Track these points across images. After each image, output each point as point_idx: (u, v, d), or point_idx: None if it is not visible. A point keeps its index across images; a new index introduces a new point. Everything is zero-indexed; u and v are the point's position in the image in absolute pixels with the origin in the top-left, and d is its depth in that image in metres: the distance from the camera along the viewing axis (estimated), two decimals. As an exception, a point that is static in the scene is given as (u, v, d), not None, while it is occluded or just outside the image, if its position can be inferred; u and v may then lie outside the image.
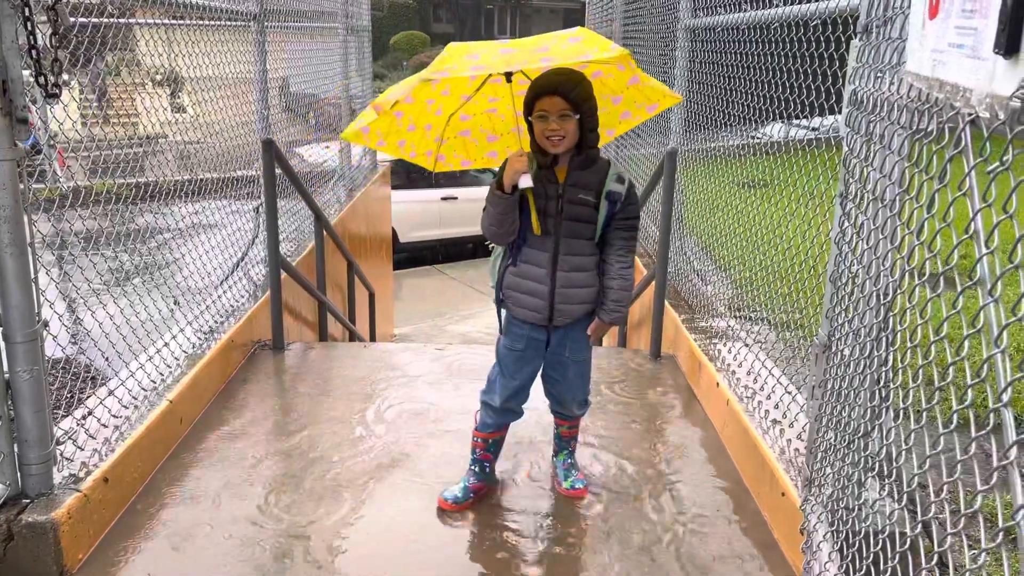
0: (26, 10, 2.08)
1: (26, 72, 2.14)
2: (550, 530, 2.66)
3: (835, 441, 2.05)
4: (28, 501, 2.32)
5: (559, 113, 2.41)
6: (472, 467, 2.85)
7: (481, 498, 2.82)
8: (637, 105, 2.80)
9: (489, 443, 2.83)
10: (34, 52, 2.14)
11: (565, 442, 2.94)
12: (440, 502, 2.77)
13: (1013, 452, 1.08)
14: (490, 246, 2.71)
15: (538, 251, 2.55)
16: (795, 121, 3.01)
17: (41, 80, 2.18)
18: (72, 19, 2.55)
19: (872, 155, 1.86)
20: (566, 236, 2.52)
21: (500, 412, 2.76)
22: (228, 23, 4.28)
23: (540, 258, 2.55)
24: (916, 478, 1.45)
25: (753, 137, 3.76)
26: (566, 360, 2.71)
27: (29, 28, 2.11)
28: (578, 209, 2.51)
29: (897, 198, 1.67)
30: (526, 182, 2.43)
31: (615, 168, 2.56)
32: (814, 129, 2.91)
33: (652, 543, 2.59)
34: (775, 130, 3.43)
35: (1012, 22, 1.03)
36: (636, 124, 2.95)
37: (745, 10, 3.48)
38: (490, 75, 2.65)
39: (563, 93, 2.41)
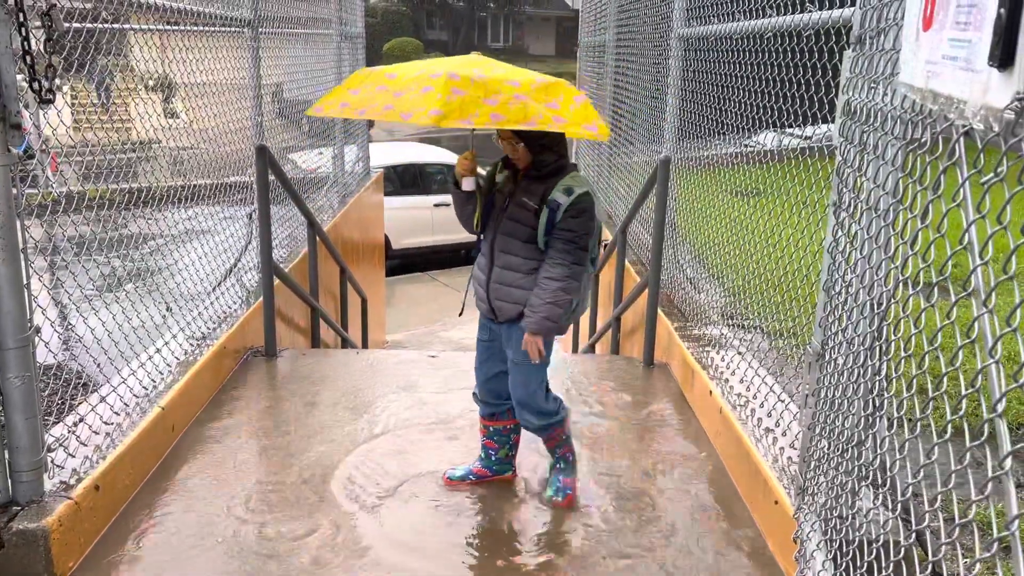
0: (20, 15, 2.08)
1: (20, 77, 2.14)
2: (547, 538, 2.65)
3: (828, 450, 2.06)
4: (19, 508, 2.30)
5: (508, 140, 2.63)
6: (480, 452, 3.02)
7: (485, 483, 2.97)
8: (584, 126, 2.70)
9: (490, 430, 2.96)
10: (28, 57, 2.14)
11: (551, 451, 2.96)
12: (444, 477, 2.99)
13: (1008, 462, 1.08)
14: None
15: (486, 244, 2.77)
16: (788, 130, 3.03)
17: (35, 85, 2.18)
18: (66, 25, 2.55)
19: (866, 165, 1.87)
20: (503, 233, 2.69)
21: (480, 402, 2.95)
22: (222, 29, 4.27)
23: (485, 249, 2.77)
24: (910, 487, 1.45)
25: (746, 146, 3.78)
26: (509, 361, 2.81)
27: (23, 34, 2.10)
28: (519, 211, 2.66)
29: (891, 208, 1.68)
30: (467, 185, 2.68)
31: (569, 181, 2.61)
32: (807, 138, 2.92)
33: (644, 552, 2.59)
34: (768, 139, 3.45)
35: (1006, 35, 1.04)
36: (587, 136, 2.82)
37: (739, 20, 3.50)
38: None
39: None
